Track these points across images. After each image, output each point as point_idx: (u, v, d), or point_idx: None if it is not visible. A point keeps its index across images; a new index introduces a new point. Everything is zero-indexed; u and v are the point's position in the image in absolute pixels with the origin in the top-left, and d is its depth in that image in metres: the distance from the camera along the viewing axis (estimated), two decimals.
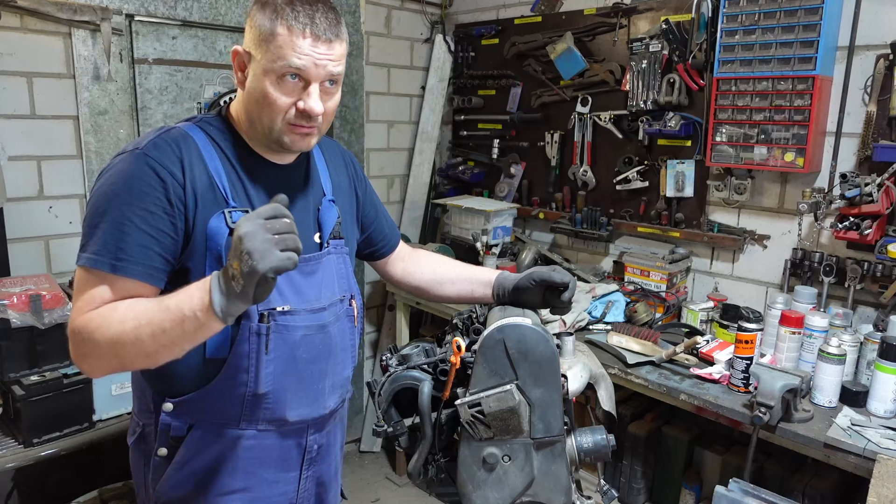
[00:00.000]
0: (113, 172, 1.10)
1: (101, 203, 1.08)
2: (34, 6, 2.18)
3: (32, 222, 2.33)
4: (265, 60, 1.10)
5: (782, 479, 2.11)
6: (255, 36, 1.12)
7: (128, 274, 1.06)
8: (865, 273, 2.16)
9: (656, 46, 2.60)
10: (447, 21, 3.61)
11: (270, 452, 1.27)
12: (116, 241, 1.05)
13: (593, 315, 2.54)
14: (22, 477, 2.12)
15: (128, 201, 1.07)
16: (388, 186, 3.61)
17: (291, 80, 1.11)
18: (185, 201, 1.11)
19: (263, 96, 1.12)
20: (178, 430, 1.20)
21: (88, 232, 1.08)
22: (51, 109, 2.32)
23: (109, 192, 1.08)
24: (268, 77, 1.11)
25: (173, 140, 1.13)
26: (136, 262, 1.06)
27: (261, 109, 1.14)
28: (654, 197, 2.79)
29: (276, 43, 1.09)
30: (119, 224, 1.06)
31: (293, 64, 1.09)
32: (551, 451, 1.10)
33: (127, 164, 1.10)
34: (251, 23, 1.13)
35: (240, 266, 0.93)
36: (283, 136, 1.16)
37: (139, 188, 1.07)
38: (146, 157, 1.09)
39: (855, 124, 2.21)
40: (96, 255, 1.05)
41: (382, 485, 3.25)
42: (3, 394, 1.94)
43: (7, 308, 1.87)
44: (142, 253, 1.07)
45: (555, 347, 1.10)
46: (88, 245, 1.07)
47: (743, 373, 1.95)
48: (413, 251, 1.64)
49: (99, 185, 1.10)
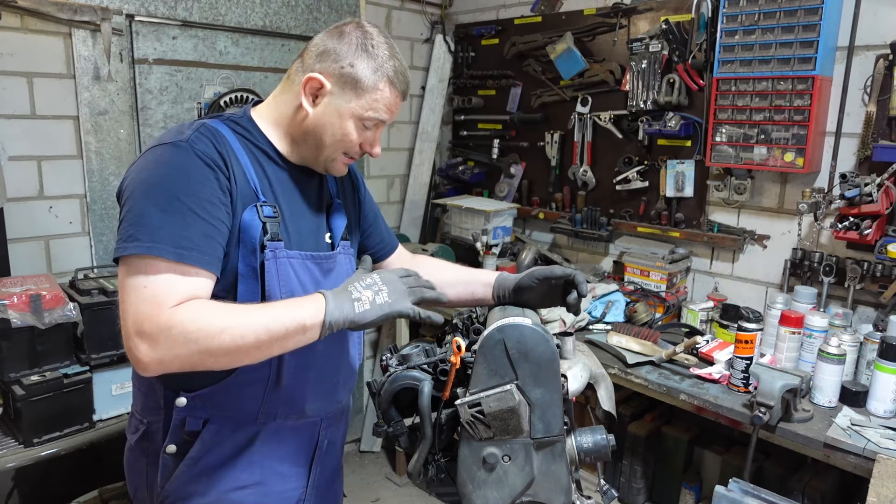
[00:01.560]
0: (160, 163, 1.09)
1: (154, 192, 1.05)
2: (34, 6, 2.18)
3: (33, 222, 2.33)
4: (356, 106, 1.19)
5: (782, 479, 2.11)
6: (346, 78, 1.17)
7: (196, 263, 1.04)
8: (865, 273, 2.16)
9: (656, 46, 2.60)
10: (447, 21, 3.61)
11: (286, 446, 1.28)
12: (180, 230, 1.03)
13: (593, 315, 2.54)
14: (22, 477, 2.12)
15: (185, 190, 1.06)
16: (388, 186, 3.61)
17: (369, 125, 1.22)
18: (231, 193, 1.12)
19: (342, 133, 1.20)
20: (194, 424, 1.19)
21: (139, 220, 1.04)
22: (51, 109, 2.32)
23: (163, 181, 1.06)
24: (352, 120, 1.20)
25: (210, 134, 1.14)
26: (202, 250, 1.05)
27: (330, 141, 1.21)
28: (654, 197, 2.79)
29: (374, 96, 1.19)
30: (180, 213, 1.04)
31: (384, 119, 1.22)
32: (551, 451, 1.10)
33: (175, 155, 1.09)
34: (340, 60, 1.17)
35: (373, 297, 1.09)
36: (334, 164, 1.26)
37: (196, 178, 1.08)
38: (194, 149, 1.10)
39: (855, 124, 2.21)
40: (157, 243, 1.02)
41: (382, 485, 3.25)
42: (4, 394, 1.94)
43: (7, 308, 1.88)
44: (206, 242, 1.06)
45: (555, 347, 1.10)
46: (141, 233, 1.02)
47: (743, 373, 1.95)
48: (413, 257, 1.64)
49: (144, 175, 1.08)
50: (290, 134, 1.24)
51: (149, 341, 0.99)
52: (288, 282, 1.19)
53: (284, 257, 1.18)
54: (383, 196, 3.58)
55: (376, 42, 1.20)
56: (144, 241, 1.02)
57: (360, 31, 1.20)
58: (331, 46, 1.18)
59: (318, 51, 1.19)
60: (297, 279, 1.20)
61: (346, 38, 1.19)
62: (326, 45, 1.19)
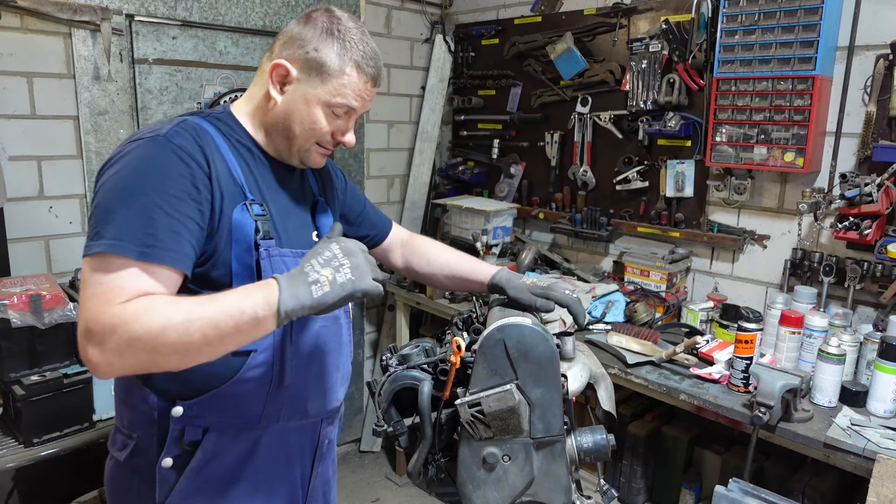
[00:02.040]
0: (133, 157, 1.04)
1: (122, 187, 1.01)
2: (34, 6, 2.18)
3: (33, 222, 2.33)
4: (322, 92, 1.15)
5: (782, 479, 2.11)
6: (312, 63, 1.14)
7: (160, 260, 0.99)
8: (865, 273, 2.16)
9: (656, 46, 2.60)
10: (447, 21, 3.61)
11: (289, 448, 1.26)
12: (144, 227, 0.99)
13: (593, 315, 2.54)
14: (22, 477, 2.12)
15: (154, 186, 1.01)
16: (388, 186, 3.61)
17: (340, 113, 1.18)
18: (211, 189, 1.08)
19: (310, 122, 1.16)
20: (193, 434, 1.14)
21: (105, 218, 0.99)
22: (51, 109, 2.32)
23: (132, 176, 1.02)
24: (320, 107, 1.16)
25: (192, 129, 1.10)
26: (167, 247, 1.00)
27: (299, 130, 1.17)
28: (654, 197, 2.79)
29: (340, 81, 1.14)
30: (146, 209, 0.99)
31: (352, 105, 1.17)
32: (551, 451, 1.10)
33: (149, 149, 1.05)
34: (305, 45, 1.14)
35: (333, 275, 0.98)
36: (308, 154, 1.21)
37: (166, 173, 1.03)
38: (170, 144, 1.05)
39: (855, 124, 2.21)
40: (120, 241, 0.97)
41: (382, 485, 3.25)
42: (4, 394, 1.94)
43: (7, 308, 1.87)
44: (172, 238, 1.01)
45: (555, 347, 1.10)
46: (106, 230, 0.98)
47: (743, 373, 1.95)
48: (410, 237, 1.62)
49: (116, 169, 1.04)
50: (264, 125, 1.21)
51: (95, 342, 0.93)
52: None
53: (278, 255, 1.16)
54: (383, 196, 3.58)
55: (344, 26, 1.16)
56: (108, 238, 0.97)
57: (326, 16, 1.17)
58: (297, 32, 1.16)
59: (286, 38, 1.17)
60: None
61: (312, 23, 1.16)
62: (293, 31, 1.16)
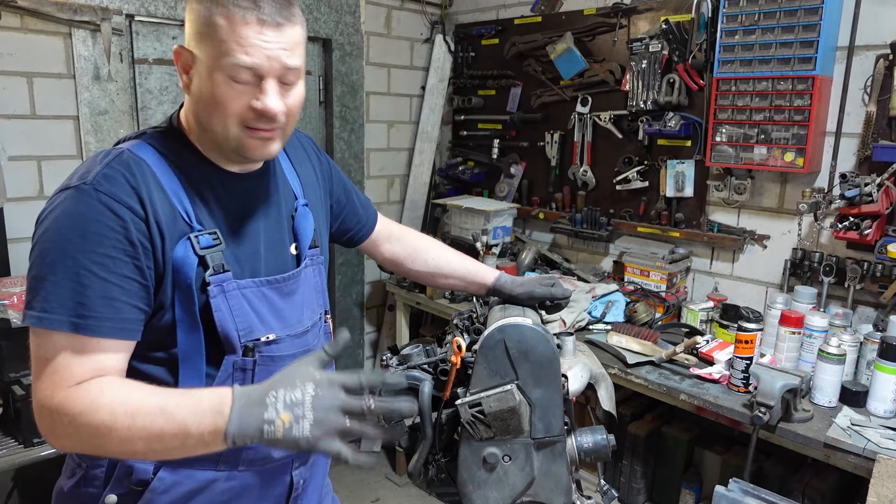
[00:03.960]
0: (59, 214, 0.93)
1: (48, 251, 0.91)
2: (34, 6, 2.18)
3: (32, 222, 2.32)
4: (207, 58, 0.95)
5: (782, 479, 2.11)
6: (193, 30, 0.97)
7: (94, 332, 0.91)
8: (865, 273, 2.16)
9: (656, 46, 2.60)
10: (447, 21, 3.61)
11: (251, 492, 1.13)
12: (74, 296, 0.90)
13: (593, 315, 2.54)
14: (22, 477, 2.12)
15: (81, 247, 0.90)
16: (388, 186, 3.61)
17: (242, 77, 0.95)
18: (150, 238, 0.96)
19: (212, 99, 0.96)
20: (143, 473, 1.03)
21: (34, 286, 0.91)
22: (51, 109, 2.32)
23: (57, 237, 0.91)
24: (214, 76, 0.95)
25: (125, 167, 0.96)
26: (102, 317, 0.91)
27: (211, 115, 0.98)
28: (654, 197, 2.79)
29: (217, 36, 0.93)
30: (74, 275, 0.90)
31: (241, 61, 0.93)
32: (551, 451, 1.10)
33: (75, 202, 0.92)
34: (188, 15, 0.98)
35: (290, 423, 0.81)
36: (242, 143, 1.00)
37: (94, 230, 0.91)
38: (97, 193, 0.92)
39: (855, 124, 2.21)
40: (49, 314, 0.89)
41: (382, 485, 3.25)
42: (4, 394, 1.94)
43: (7, 308, 1.88)
44: (107, 305, 0.91)
45: (555, 347, 1.10)
46: (35, 302, 0.90)
47: (743, 373, 1.95)
48: (402, 232, 1.52)
49: (43, 229, 0.93)
50: (200, 128, 1.04)
51: (47, 424, 0.90)
52: (244, 317, 1.04)
53: (235, 289, 1.03)
54: (383, 196, 3.58)
55: None
56: (37, 310, 0.90)
57: None
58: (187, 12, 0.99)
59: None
60: (253, 312, 1.05)
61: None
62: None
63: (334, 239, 1.43)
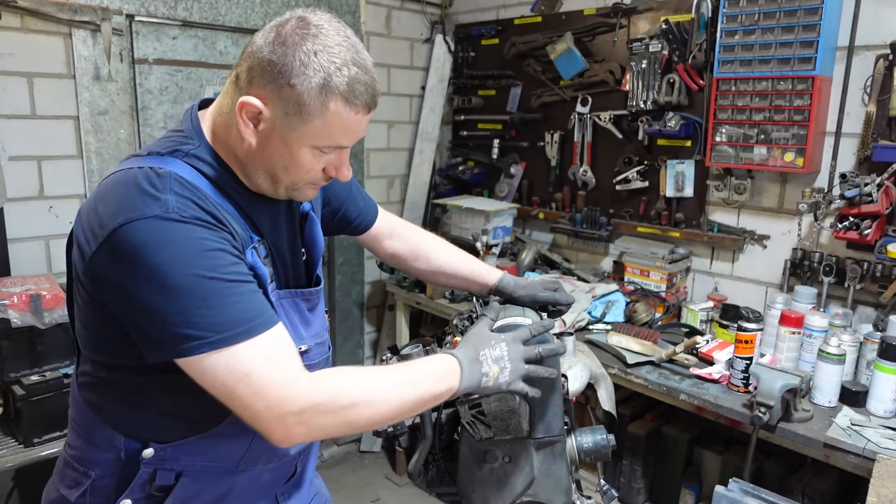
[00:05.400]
0: (160, 245, 0.88)
1: (175, 283, 0.88)
2: (34, 6, 2.18)
3: (33, 222, 2.33)
4: (305, 133, 0.96)
5: (782, 479, 2.11)
6: (287, 101, 0.93)
7: (268, 326, 0.93)
8: (865, 273, 2.16)
9: (656, 46, 2.60)
10: (447, 21, 3.61)
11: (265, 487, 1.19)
12: (236, 309, 0.91)
13: (593, 315, 2.54)
14: (22, 477, 2.12)
15: (210, 266, 0.90)
16: (388, 186, 3.61)
17: (328, 151, 1.01)
18: (236, 242, 0.98)
19: (294, 165, 1.00)
20: (165, 478, 1.04)
21: (182, 320, 0.88)
22: (51, 109, 2.32)
23: (178, 267, 0.88)
24: (305, 149, 0.98)
25: (185, 189, 0.94)
26: (265, 311, 0.94)
27: (284, 174, 1.01)
28: (654, 197, 2.79)
29: (324, 119, 0.95)
30: (220, 293, 0.90)
31: (342, 144, 1.01)
32: (551, 451, 1.10)
33: (171, 231, 0.89)
34: (277, 78, 0.93)
35: (498, 374, 1.04)
36: (300, 194, 1.07)
37: (209, 248, 0.91)
38: (187, 219, 0.91)
39: (854, 124, 2.21)
40: (225, 332, 0.89)
41: (382, 485, 3.25)
42: (4, 394, 1.94)
43: (7, 308, 1.88)
44: (259, 301, 0.95)
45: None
46: (199, 331, 0.88)
47: (743, 373, 1.95)
48: (403, 228, 1.52)
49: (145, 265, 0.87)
50: (239, 163, 1.03)
51: (302, 427, 0.92)
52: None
53: (276, 299, 1.07)
54: (383, 196, 3.58)
55: (322, 44, 0.93)
56: (210, 337, 0.88)
57: (300, 31, 0.93)
58: (265, 58, 0.94)
59: (253, 63, 0.96)
60: (287, 320, 1.09)
61: (282, 43, 0.93)
62: (261, 56, 0.94)
63: (336, 230, 1.43)
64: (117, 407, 1.04)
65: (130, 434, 1.04)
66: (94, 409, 1.06)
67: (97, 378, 1.06)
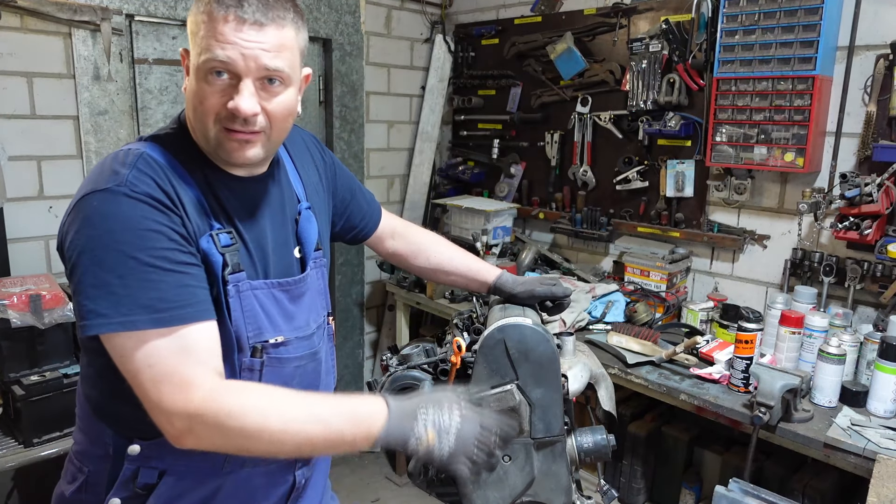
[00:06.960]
0: (100, 216, 0.91)
1: (102, 256, 0.90)
2: (34, 6, 2.18)
3: (32, 222, 2.33)
4: (194, 56, 0.97)
5: (782, 479, 2.11)
6: (188, 30, 0.99)
7: (183, 321, 0.91)
8: (865, 273, 2.16)
9: (656, 46, 2.60)
10: (447, 21, 3.61)
11: (256, 493, 1.15)
12: (149, 293, 0.90)
13: (593, 315, 2.54)
14: (22, 477, 2.12)
15: (139, 245, 0.90)
16: (388, 186, 3.60)
17: (220, 76, 0.95)
18: (188, 233, 0.97)
19: (194, 97, 0.97)
20: (148, 476, 1.03)
21: (96, 293, 0.89)
22: (51, 109, 2.32)
23: (108, 240, 0.90)
24: (197, 74, 0.96)
25: (149, 168, 0.96)
26: (184, 304, 0.92)
27: (194, 113, 0.99)
28: (654, 197, 2.79)
29: (199, 33, 0.95)
30: (141, 273, 0.90)
31: (217, 56, 0.93)
32: (552, 451, 1.10)
33: (115, 205, 0.91)
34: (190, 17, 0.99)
35: (434, 443, 0.92)
36: (221, 144, 0.99)
37: (145, 228, 0.91)
38: (135, 195, 0.92)
39: (855, 124, 2.21)
40: (130, 316, 0.88)
41: (382, 485, 3.25)
42: (3, 394, 1.94)
43: (7, 308, 1.87)
44: (183, 292, 0.93)
45: (555, 347, 1.10)
46: (105, 308, 0.88)
47: (743, 373, 1.95)
48: (406, 228, 1.52)
49: (84, 235, 0.91)
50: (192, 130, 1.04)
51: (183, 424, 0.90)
52: (254, 318, 1.05)
53: (248, 290, 1.04)
54: (383, 196, 3.58)
55: None
56: (113, 315, 0.88)
57: None
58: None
59: None
60: (263, 313, 1.06)
61: None
62: None
63: (339, 236, 1.44)
64: (106, 400, 1.05)
65: (118, 430, 1.04)
66: (90, 403, 1.07)
67: (90, 369, 1.07)
